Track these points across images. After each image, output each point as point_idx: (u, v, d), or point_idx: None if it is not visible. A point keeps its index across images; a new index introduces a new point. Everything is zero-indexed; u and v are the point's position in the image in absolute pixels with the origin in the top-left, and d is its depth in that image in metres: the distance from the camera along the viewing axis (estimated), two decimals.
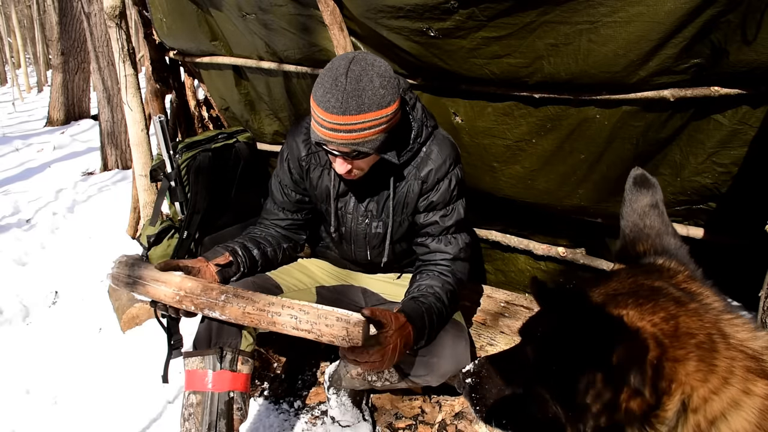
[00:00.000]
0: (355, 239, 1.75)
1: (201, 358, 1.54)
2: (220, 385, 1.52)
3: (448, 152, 1.59)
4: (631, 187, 0.81)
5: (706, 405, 0.53)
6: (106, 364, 2.35)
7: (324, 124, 1.35)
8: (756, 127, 1.38)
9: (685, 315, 0.58)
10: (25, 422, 2.08)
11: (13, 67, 14.03)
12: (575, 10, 1.35)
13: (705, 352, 0.55)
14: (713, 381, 0.53)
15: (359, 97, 1.31)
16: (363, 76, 1.32)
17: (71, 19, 6.72)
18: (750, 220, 1.47)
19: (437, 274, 1.58)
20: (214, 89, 2.86)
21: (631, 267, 0.75)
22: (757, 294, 1.19)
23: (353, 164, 1.46)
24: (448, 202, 1.60)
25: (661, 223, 0.77)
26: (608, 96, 1.51)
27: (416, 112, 1.56)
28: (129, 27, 2.76)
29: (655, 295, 0.61)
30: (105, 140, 5.26)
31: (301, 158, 1.70)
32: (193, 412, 1.51)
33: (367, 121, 1.34)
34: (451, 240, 1.63)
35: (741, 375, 0.53)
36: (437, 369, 1.56)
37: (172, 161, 2.35)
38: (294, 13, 1.95)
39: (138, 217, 3.39)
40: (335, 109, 1.32)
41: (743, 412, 0.52)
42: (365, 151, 1.39)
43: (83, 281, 3.18)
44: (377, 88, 1.33)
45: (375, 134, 1.37)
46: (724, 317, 0.59)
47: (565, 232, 2.06)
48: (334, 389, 1.93)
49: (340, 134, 1.35)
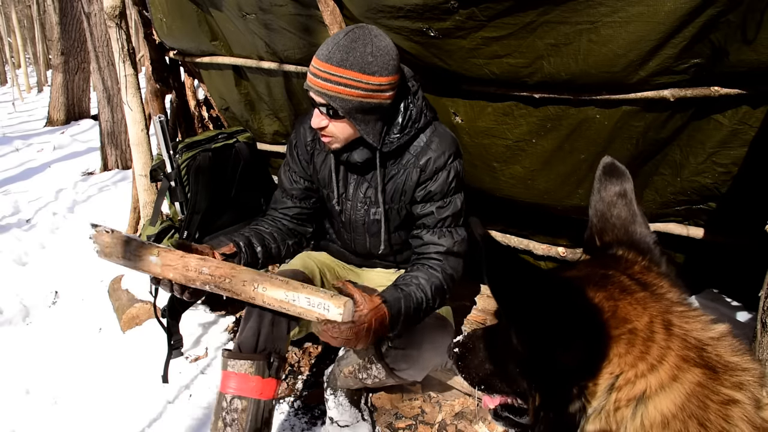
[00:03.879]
0: (355, 226, 1.76)
1: (251, 363, 1.49)
2: (267, 393, 1.50)
3: (449, 144, 1.61)
4: (600, 176, 0.80)
5: (627, 386, 0.57)
6: (106, 364, 2.35)
7: (311, 69, 1.44)
8: (756, 127, 1.38)
9: (627, 302, 0.61)
10: (25, 422, 2.08)
11: (13, 67, 14.04)
12: (575, 10, 1.35)
13: (638, 339, 0.58)
14: (641, 366, 0.57)
15: (346, 53, 1.38)
16: (359, 39, 1.40)
17: (71, 19, 6.72)
18: (750, 220, 1.47)
19: (426, 268, 1.60)
20: (214, 89, 2.87)
21: (593, 258, 0.77)
22: (757, 294, 1.18)
23: (329, 123, 1.49)
24: (445, 193, 1.61)
25: (628, 213, 0.77)
26: (608, 96, 1.51)
27: (417, 99, 1.59)
28: (129, 27, 2.76)
29: (604, 281, 0.64)
30: (105, 140, 5.26)
31: (307, 143, 1.74)
32: (237, 418, 1.47)
33: (345, 77, 1.39)
34: (445, 233, 1.63)
35: (673, 363, 0.57)
36: (418, 362, 1.58)
37: (172, 161, 2.35)
38: (294, 13, 1.95)
39: (138, 217, 3.39)
40: (323, 56, 1.40)
41: (670, 395, 0.56)
42: (335, 107, 1.43)
43: (83, 281, 3.18)
44: (366, 54, 1.39)
45: (349, 95, 1.41)
46: (675, 308, 0.62)
47: (565, 232, 2.06)
48: (331, 389, 1.94)
49: (319, 81, 1.41)
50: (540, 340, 0.62)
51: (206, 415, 2.01)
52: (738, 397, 0.55)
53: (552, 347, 0.60)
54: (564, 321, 0.59)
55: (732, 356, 0.58)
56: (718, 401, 0.55)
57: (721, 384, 0.56)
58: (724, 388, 0.55)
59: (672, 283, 0.68)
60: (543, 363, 0.63)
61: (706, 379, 0.56)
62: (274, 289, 1.40)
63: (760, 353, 1.15)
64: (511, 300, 0.62)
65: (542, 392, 0.65)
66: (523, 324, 0.63)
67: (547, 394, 0.64)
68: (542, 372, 0.64)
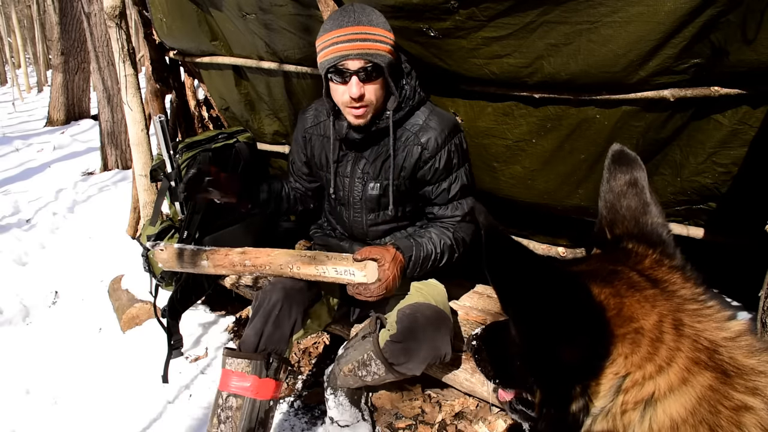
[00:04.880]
0: (353, 203, 1.82)
1: (248, 362, 1.52)
2: (263, 393, 1.52)
3: (448, 122, 1.69)
4: (610, 165, 0.76)
5: (635, 388, 0.55)
6: (106, 364, 2.35)
7: (339, 40, 1.48)
8: (756, 127, 1.38)
9: (635, 299, 0.58)
10: (25, 422, 2.08)
11: (13, 67, 14.04)
12: (575, 10, 1.35)
13: (644, 339, 0.56)
14: (648, 368, 0.55)
15: (368, 15, 1.50)
16: (361, 7, 1.52)
17: (71, 19, 6.72)
18: (750, 220, 1.47)
19: (438, 227, 1.72)
20: (214, 89, 2.86)
21: (603, 252, 0.74)
22: (757, 294, 1.18)
23: (365, 89, 1.54)
24: (451, 168, 1.70)
25: (639, 203, 0.73)
26: (608, 96, 1.51)
27: (411, 79, 1.67)
28: (129, 27, 2.76)
29: (611, 276, 0.62)
30: (105, 140, 5.26)
31: (306, 128, 1.86)
32: (231, 415, 1.49)
33: (378, 35, 1.50)
34: (457, 206, 1.74)
35: (683, 365, 0.54)
36: (416, 355, 1.59)
37: (172, 161, 2.34)
38: (294, 13, 1.95)
39: (138, 217, 3.39)
40: (349, 22, 1.47)
41: (680, 399, 0.53)
42: (377, 63, 1.50)
43: (83, 281, 3.18)
44: (378, 15, 1.53)
45: (385, 51, 1.52)
46: (688, 307, 0.58)
47: (565, 232, 2.06)
48: (331, 389, 1.94)
49: (357, 43, 1.47)
50: (538, 334, 0.60)
51: (206, 415, 2.01)
52: (752, 402, 0.52)
53: (551, 343, 0.59)
54: (564, 317, 0.57)
55: (747, 358, 0.55)
56: (731, 407, 0.52)
57: (734, 389, 0.53)
58: (737, 393, 0.53)
59: (685, 277, 0.64)
60: (543, 359, 0.61)
61: (717, 383, 0.53)
62: (306, 267, 1.59)
63: None
64: (509, 290, 0.60)
65: (543, 389, 0.63)
66: (522, 317, 0.61)
67: (549, 390, 0.62)
68: (543, 368, 0.62)
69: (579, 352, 0.57)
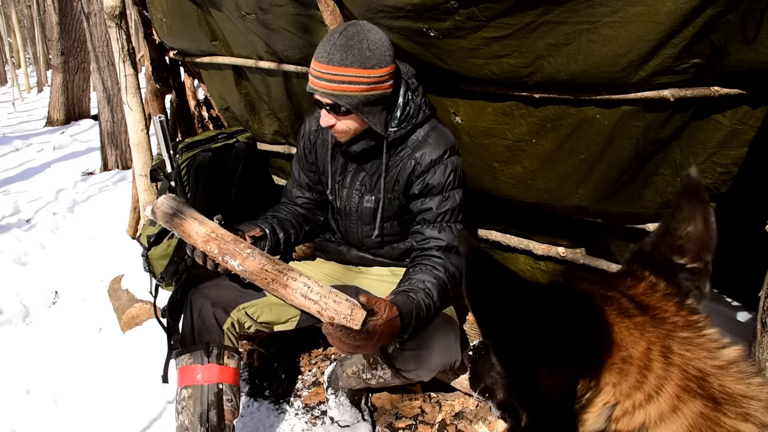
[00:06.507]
0: (349, 214, 1.81)
1: (189, 355, 1.61)
2: (209, 377, 1.59)
3: (446, 141, 1.65)
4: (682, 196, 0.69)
5: (625, 417, 0.55)
6: (106, 364, 2.35)
7: (312, 72, 1.48)
8: (756, 127, 1.38)
9: (623, 326, 0.58)
10: (25, 422, 2.09)
11: (13, 67, 14.03)
12: (575, 10, 1.35)
13: (632, 367, 0.55)
14: (638, 396, 0.54)
15: (345, 52, 1.43)
16: (355, 36, 1.45)
17: (71, 19, 6.72)
18: (750, 220, 1.47)
19: (430, 268, 1.59)
20: (214, 89, 2.86)
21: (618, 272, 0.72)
22: (757, 294, 1.19)
23: (337, 120, 1.55)
24: (443, 187, 1.64)
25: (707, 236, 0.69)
26: (608, 96, 1.51)
27: (417, 96, 1.63)
28: (129, 27, 2.76)
29: (602, 302, 0.61)
30: (105, 140, 5.26)
31: (310, 133, 1.83)
32: (185, 405, 1.58)
33: (347, 75, 1.44)
34: (445, 227, 1.64)
35: (672, 392, 0.54)
36: (427, 362, 1.58)
37: (172, 161, 2.34)
38: (294, 13, 1.95)
39: (138, 217, 3.39)
40: (323, 58, 1.45)
41: (671, 426, 0.53)
42: (342, 105, 1.48)
43: (83, 281, 3.18)
44: (364, 50, 1.45)
45: (354, 91, 1.46)
46: (678, 334, 0.58)
47: (565, 232, 2.06)
48: (332, 389, 1.94)
49: (323, 83, 1.46)
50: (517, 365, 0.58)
51: None
52: (743, 428, 0.52)
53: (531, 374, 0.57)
54: (544, 347, 0.56)
55: (737, 384, 0.55)
56: None
57: (725, 415, 0.53)
58: (729, 419, 0.53)
59: (680, 304, 0.63)
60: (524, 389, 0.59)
61: (708, 410, 0.53)
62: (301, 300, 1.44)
63: (760, 353, 1.16)
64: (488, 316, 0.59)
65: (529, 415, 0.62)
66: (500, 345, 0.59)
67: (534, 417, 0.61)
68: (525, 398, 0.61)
69: (561, 383, 0.56)
